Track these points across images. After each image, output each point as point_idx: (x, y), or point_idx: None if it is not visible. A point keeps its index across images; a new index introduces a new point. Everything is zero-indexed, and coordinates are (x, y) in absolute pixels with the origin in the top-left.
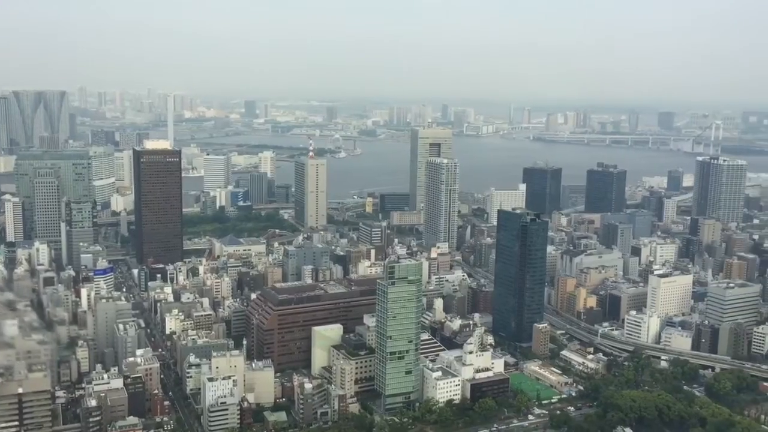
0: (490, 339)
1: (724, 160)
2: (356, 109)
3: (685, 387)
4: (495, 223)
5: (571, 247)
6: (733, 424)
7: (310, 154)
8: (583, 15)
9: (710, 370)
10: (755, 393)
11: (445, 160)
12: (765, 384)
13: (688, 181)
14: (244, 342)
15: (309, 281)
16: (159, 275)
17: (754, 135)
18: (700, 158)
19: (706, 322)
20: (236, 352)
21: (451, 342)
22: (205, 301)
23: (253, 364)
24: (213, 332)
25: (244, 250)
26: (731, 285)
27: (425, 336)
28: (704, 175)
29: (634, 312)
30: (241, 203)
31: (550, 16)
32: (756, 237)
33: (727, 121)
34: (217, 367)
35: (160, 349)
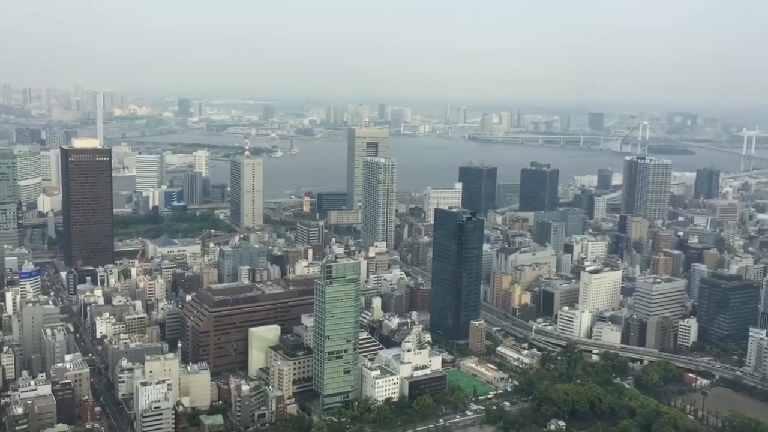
0: (427, 337)
1: (651, 160)
2: (293, 108)
3: (615, 379)
4: (432, 222)
5: (506, 245)
6: (660, 414)
7: (246, 153)
8: (515, 19)
9: (639, 362)
10: (681, 384)
11: (383, 160)
12: (690, 375)
13: (617, 179)
14: (179, 345)
15: (246, 282)
16: (89, 278)
17: (679, 135)
18: (628, 158)
19: (635, 316)
20: (171, 355)
21: (390, 340)
22: (138, 303)
23: (189, 367)
24: (146, 335)
25: (179, 251)
26: (658, 280)
27: (363, 335)
28: (632, 174)
29: (566, 308)
30: (175, 203)
31: (484, 20)
32: (681, 234)
33: (654, 121)
34: (150, 371)
35: (90, 354)
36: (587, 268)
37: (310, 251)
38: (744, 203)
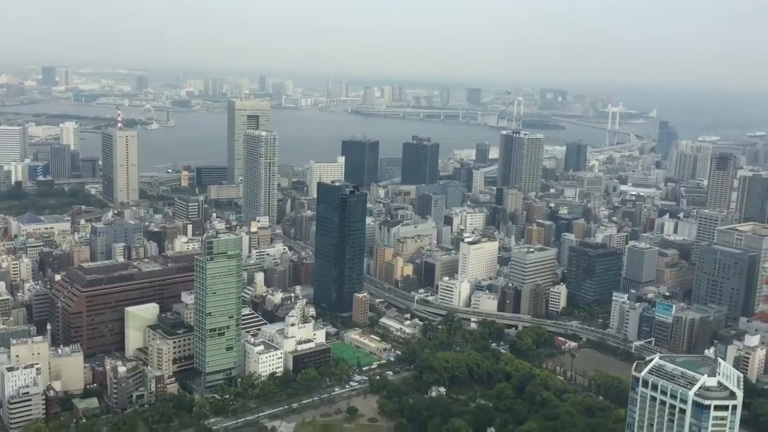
0: (311, 311)
1: (525, 134)
2: (168, 78)
3: (492, 345)
4: (315, 196)
5: (389, 218)
6: (533, 376)
7: (119, 125)
8: None
9: (514, 328)
10: (552, 347)
11: (264, 133)
12: (560, 338)
13: (494, 153)
14: (48, 327)
15: (121, 260)
16: None
17: (550, 111)
18: (504, 132)
19: (510, 284)
20: (39, 338)
21: (273, 315)
22: (1, 284)
23: (59, 350)
24: (11, 318)
25: (46, 228)
26: (531, 250)
27: (246, 311)
28: (508, 147)
29: (446, 278)
30: (40, 178)
31: None
32: (552, 205)
33: (527, 97)
34: (17, 356)
35: None
36: (466, 240)
37: (190, 227)
38: (609, 176)
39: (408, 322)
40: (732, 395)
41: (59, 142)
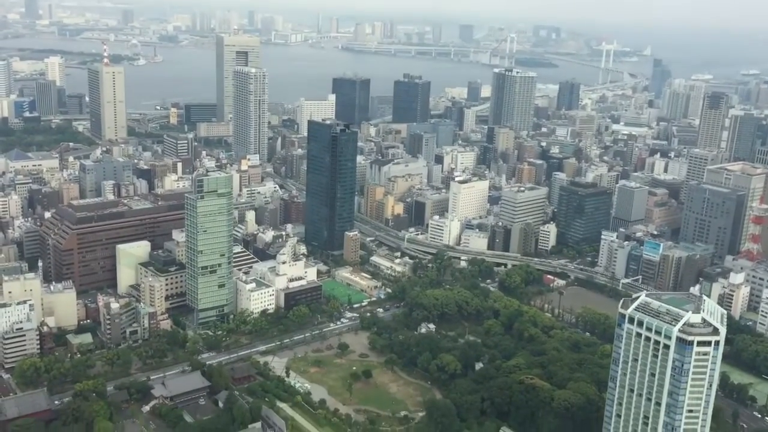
0: (302, 249)
1: (517, 72)
2: (155, 12)
3: (481, 283)
4: (306, 134)
5: (380, 157)
6: (521, 313)
7: (105, 60)
8: None
9: (503, 266)
10: (540, 285)
11: (254, 70)
12: (548, 276)
13: (486, 91)
14: (40, 264)
15: (110, 197)
16: None
17: (544, 48)
18: (496, 70)
19: (500, 223)
20: (31, 275)
21: (265, 253)
22: None
23: (52, 287)
24: (2, 255)
25: (34, 165)
26: (522, 189)
27: (238, 249)
28: (500, 86)
29: (437, 217)
30: (27, 114)
31: None
32: (543, 144)
33: (521, 34)
34: (9, 292)
35: None
36: (456, 179)
37: (180, 165)
38: (601, 114)
39: (398, 261)
40: (715, 331)
41: (45, 78)
